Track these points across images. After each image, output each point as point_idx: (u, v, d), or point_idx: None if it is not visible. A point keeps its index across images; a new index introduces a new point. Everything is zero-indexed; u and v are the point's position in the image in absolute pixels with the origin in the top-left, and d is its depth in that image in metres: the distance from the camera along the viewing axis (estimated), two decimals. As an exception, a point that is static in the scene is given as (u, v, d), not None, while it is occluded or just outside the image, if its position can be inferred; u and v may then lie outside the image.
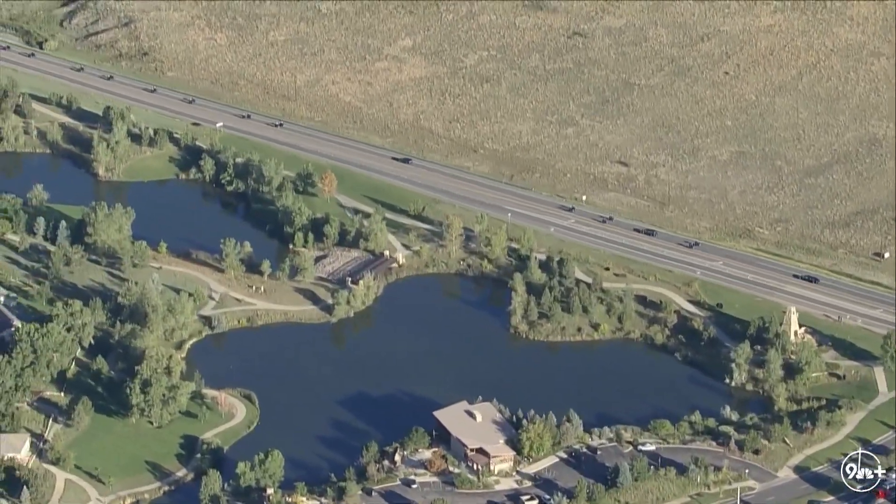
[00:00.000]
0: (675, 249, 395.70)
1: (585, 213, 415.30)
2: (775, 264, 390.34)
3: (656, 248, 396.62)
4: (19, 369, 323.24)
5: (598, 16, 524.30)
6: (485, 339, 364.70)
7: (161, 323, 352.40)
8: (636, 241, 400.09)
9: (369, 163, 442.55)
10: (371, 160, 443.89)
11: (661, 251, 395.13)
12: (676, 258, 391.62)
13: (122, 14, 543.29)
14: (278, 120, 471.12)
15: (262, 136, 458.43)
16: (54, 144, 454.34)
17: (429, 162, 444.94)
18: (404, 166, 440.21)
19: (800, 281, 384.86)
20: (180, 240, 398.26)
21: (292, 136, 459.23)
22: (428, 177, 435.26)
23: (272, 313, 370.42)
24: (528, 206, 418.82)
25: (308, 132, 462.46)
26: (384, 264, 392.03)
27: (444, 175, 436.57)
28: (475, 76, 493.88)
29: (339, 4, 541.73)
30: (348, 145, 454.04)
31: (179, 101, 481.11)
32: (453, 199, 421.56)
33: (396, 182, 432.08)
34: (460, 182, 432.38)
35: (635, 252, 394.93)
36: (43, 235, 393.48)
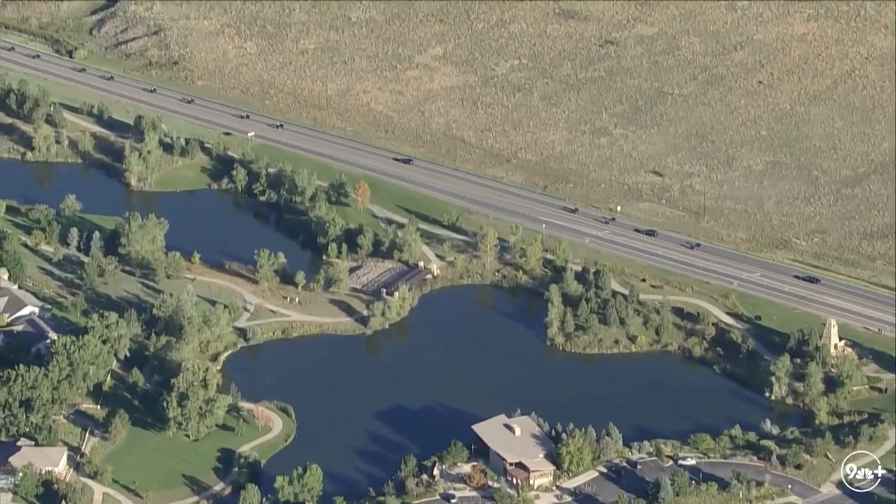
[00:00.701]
0: (711, 261, 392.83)
1: (623, 225, 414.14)
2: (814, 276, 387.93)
3: (693, 259, 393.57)
4: (56, 382, 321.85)
5: (630, 24, 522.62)
6: (521, 351, 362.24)
7: (196, 335, 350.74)
8: (672, 253, 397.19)
9: (402, 172, 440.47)
10: (403, 170, 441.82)
11: (697, 262, 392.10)
12: (713, 269, 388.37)
13: (151, 22, 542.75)
14: (279, 121, 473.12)
15: (294, 145, 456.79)
16: (85, 154, 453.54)
17: (462, 171, 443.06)
18: (437, 175, 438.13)
19: (800, 281, 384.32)
20: (213, 250, 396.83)
21: (324, 145, 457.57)
22: (461, 187, 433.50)
23: (307, 325, 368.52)
24: (562, 216, 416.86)
25: (340, 141, 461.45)
26: (419, 275, 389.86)
27: (478, 185, 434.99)
28: (507, 85, 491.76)
29: (369, 12, 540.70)
30: (380, 155, 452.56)
31: (211, 109, 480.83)
32: (487, 209, 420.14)
33: (429, 192, 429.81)
34: (494, 192, 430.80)
35: (671, 263, 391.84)
36: (76, 246, 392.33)
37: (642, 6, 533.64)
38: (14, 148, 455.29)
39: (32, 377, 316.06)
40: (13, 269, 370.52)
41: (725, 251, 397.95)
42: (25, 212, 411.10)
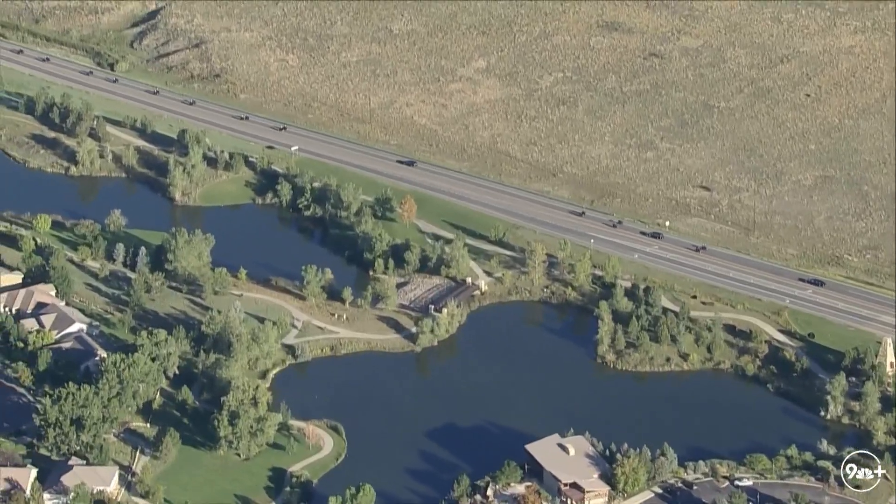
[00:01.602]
0: (761, 276, 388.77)
1: (672, 240, 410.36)
2: (867, 293, 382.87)
3: (743, 275, 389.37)
4: (106, 400, 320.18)
5: (675, 37, 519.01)
6: (571, 368, 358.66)
7: (245, 352, 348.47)
8: (723, 269, 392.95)
9: (447, 187, 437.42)
10: (449, 184, 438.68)
11: (748, 278, 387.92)
12: (764, 286, 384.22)
13: (192, 35, 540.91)
14: (282, 123, 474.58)
15: (338, 159, 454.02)
16: (129, 168, 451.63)
17: (507, 186, 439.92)
18: (485, 191, 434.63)
19: (806, 284, 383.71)
20: (259, 266, 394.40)
21: (368, 159, 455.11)
22: (507, 201, 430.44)
23: (356, 342, 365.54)
24: (610, 231, 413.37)
25: (384, 155, 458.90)
26: (467, 291, 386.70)
27: (524, 199, 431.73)
28: (551, 98, 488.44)
29: (411, 24, 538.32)
30: (425, 169, 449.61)
31: (254, 123, 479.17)
32: (534, 224, 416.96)
33: (475, 207, 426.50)
34: (540, 207, 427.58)
35: (722, 279, 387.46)
36: (122, 262, 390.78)
37: (686, 18, 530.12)
38: (58, 162, 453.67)
39: (83, 396, 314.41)
40: (60, 286, 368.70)
41: (776, 267, 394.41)
42: (71, 227, 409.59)
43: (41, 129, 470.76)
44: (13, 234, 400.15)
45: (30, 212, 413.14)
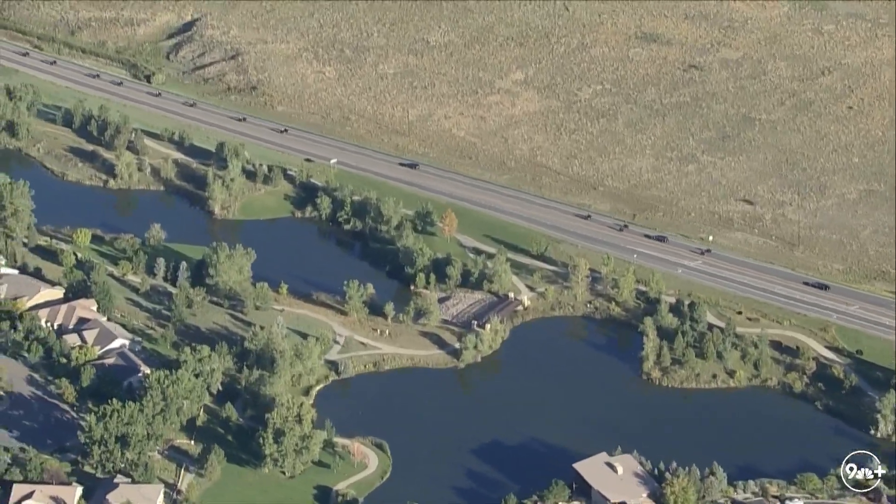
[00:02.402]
0: (805, 292, 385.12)
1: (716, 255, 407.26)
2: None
3: (788, 290, 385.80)
4: (150, 417, 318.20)
5: (714, 48, 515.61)
6: (617, 385, 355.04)
7: (288, 368, 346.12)
8: (767, 284, 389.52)
9: (487, 200, 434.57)
10: (489, 197, 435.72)
11: (793, 294, 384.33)
12: (810, 301, 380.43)
13: (228, 47, 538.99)
14: (283, 126, 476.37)
15: (377, 172, 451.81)
16: (168, 181, 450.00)
17: (548, 199, 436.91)
18: (524, 204, 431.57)
19: (810, 288, 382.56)
20: (299, 280, 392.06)
21: (408, 172, 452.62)
22: (547, 215, 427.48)
23: (399, 358, 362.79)
24: (653, 246, 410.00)
25: (423, 168, 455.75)
26: (510, 306, 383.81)
27: (564, 213, 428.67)
28: (590, 110, 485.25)
29: (448, 36, 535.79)
30: (464, 182, 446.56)
31: (292, 135, 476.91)
32: (575, 238, 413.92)
33: (516, 220, 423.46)
34: (581, 221, 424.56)
35: (767, 295, 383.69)
36: (163, 276, 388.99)
37: (726, 30, 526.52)
38: (96, 175, 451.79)
39: (128, 413, 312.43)
40: (102, 301, 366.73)
41: (822, 282, 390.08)
42: (110, 241, 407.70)
43: (79, 142, 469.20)
44: (53, 248, 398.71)
45: (69, 226, 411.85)
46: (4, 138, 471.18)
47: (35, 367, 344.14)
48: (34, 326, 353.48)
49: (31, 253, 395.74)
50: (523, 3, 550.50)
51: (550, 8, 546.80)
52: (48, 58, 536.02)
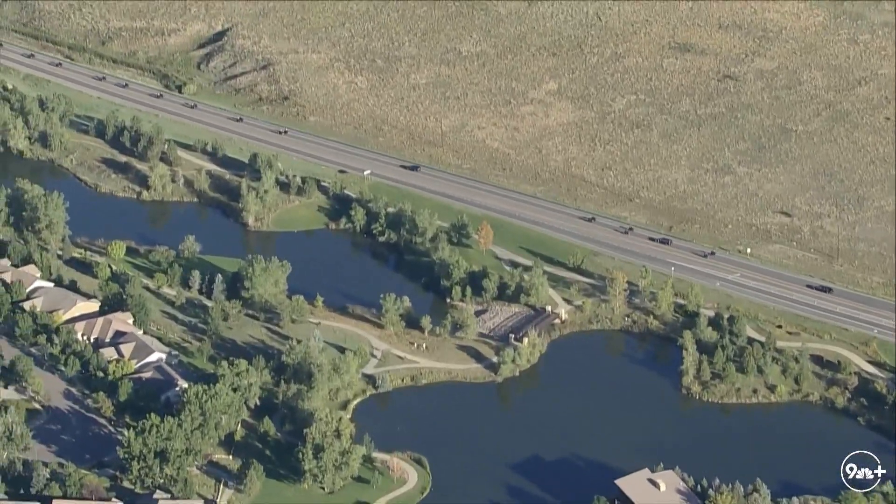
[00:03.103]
0: (848, 306, 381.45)
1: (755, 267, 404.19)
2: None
3: (830, 304, 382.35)
4: (189, 432, 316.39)
5: (749, 58, 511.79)
6: (656, 399, 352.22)
7: (326, 383, 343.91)
8: (807, 298, 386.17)
9: (522, 212, 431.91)
10: (524, 209, 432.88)
11: (834, 308, 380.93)
12: (851, 315, 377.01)
13: (259, 56, 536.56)
14: (283, 127, 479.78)
15: (410, 183, 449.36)
16: (201, 193, 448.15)
17: (583, 211, 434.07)
18: (558, 216, 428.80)
19: (813, 291, 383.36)
20: (334, 293, 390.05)
21: (441, 183, 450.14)
22: (583, 227, 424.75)
23: (436, 372, 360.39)
24: (689, 258, 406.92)
25: (456, 179, 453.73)
26: (547, 320, 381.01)
27: (600, 225, 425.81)
28: (625, 121, 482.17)
29: (480, 46, 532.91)
30: (499, 194, 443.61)
31: (324, 146, 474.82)
32: (612, 250, 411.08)
33: (552, 233, 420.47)
34: (618, 233, 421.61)
35: (807, 309, 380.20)
36: (198, 289, 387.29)
37: (760, 40, 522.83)
38: (129, 187, 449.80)
39: (167, 428, 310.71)
40: (138, 314, 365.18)
41: (861, 296, 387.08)
42: (145, 253, 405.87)
43: (112, 153, 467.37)
44: (88, 260, 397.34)
45: (103, 238, 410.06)
46: (37, 149, 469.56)
47: (72, 381, 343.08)
48: (71, 340, 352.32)
49: (66, 265, 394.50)
50: (556, 12, 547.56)
51: (583, 18, 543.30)
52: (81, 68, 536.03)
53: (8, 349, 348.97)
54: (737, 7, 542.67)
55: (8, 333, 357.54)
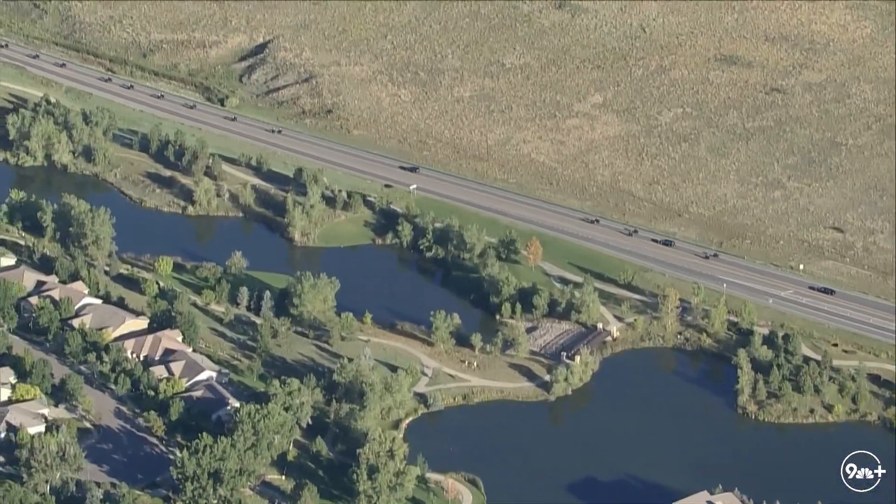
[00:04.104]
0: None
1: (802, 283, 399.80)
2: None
3: (885, 321, 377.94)
4: (242, 452, 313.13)
5: (796, 71, 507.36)
6: (711, 419, 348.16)
7: (378, 402, 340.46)
8: (861, 315, 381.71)
9: (570, 227, 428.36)
10: (572, 225, 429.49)
11: (889, 325, 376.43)
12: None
13: (301, 69, 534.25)
14: (277, 127, 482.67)
15: (457, 198, 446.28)
16: (247, 208, 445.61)
17: (631, 227, 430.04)
18: (607, 231, 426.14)
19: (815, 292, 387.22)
20: (382, 309, 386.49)
21: (488, 198, 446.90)
22: (631, 243, 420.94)
23: (488, 390, 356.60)
24: (742, 275, 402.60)
25: (503, 194, 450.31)
26: (598, 337, 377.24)
27: (647, 241, 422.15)
28: (672, 135, 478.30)
29: (524, 58, 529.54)
30: (547, 209, 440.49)
31: (369, 160, 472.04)
32: (662, 266, 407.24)
33: (601, 249, 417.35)
34: (666, 249, 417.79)
35: (862, 326, 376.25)
36: (246, 306, 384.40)
37: (807, 52, 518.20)
38: (174, 201, 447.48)
39: (221, 448, 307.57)
40: (187, 331, 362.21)
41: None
42: (192, 269, 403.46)
43: (156, 168, 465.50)
44: (135, 277, 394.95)
45: (149, 253, 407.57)
46: (81, 164, 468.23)
47: (122, 400, 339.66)
48: (120, 358, 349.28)
49: (114, 282, 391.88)
50: (599, 24, 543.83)
51: (627, 29, 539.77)
52: (125, 82, 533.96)
53: (58, 367, 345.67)
54: (783, 19, 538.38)
55: (57, 351, 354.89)
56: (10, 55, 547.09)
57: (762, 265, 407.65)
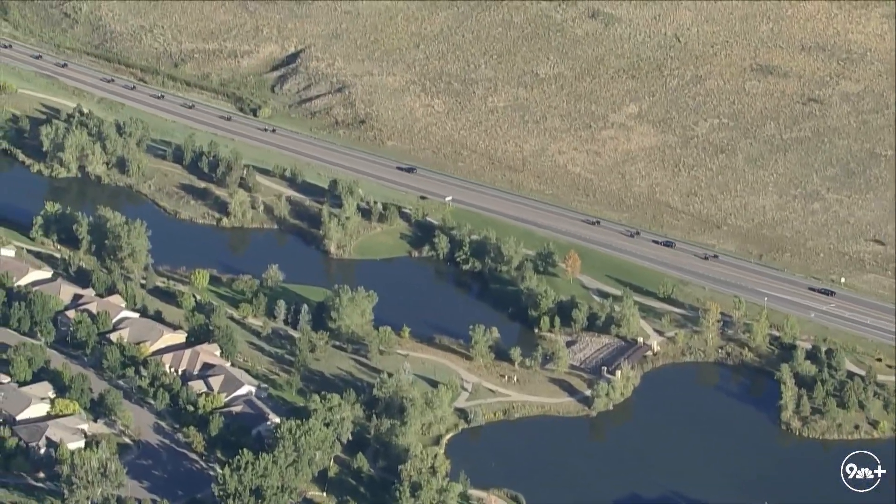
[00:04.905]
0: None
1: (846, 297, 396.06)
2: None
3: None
4: (283, 468, 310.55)
5: (833, 81, 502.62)
6: (755, 434, 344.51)
7: (419, 417, 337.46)
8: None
9: (608, 240, 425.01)
10: (609, 237, 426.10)
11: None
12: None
13: (334, 79, 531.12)
14: (270, 126, 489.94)
15: (493, 210, 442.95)
16: (281, 220, 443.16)
17: (669, 239, 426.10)
18: (645, 244, 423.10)
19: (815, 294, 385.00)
20: (419, 322, 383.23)
21: (525, 210, 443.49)
22: (668, 255, 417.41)
23: (529, 405, 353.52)
24: (782, 288, 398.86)
25: (539, 206, 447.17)
26: (639, 352, 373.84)
27: (686, 253, 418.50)
28: (708, 146, 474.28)
29: (557, 68, 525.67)
30: (583, 221, 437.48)
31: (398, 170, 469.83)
32: (702, 279, 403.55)
33: (639, 261, 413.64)
34: (706, 261, 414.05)
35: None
36: (284, 319, 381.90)
37: (844, 62, 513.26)
38: (209, 213, 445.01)
39: (262, 464, 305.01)
40: (225, 346, 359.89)
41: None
42: (228, 282, 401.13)
43: (190, 179, 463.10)
44: (171, 290, 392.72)
45: (184, 266, 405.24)
46: (115, 175, 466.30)
47: (161, 415, 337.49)
48: (159, 372, 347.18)
49: (150, 295, 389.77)
50: (633, 34, 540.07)
51: (661, 39, 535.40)
52: (156, 91, 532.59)
53: (96, 382, 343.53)
54: (818, 28, 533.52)
55: (95, 366, 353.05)
56: (41, 64, 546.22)
57: (802, 277, 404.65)
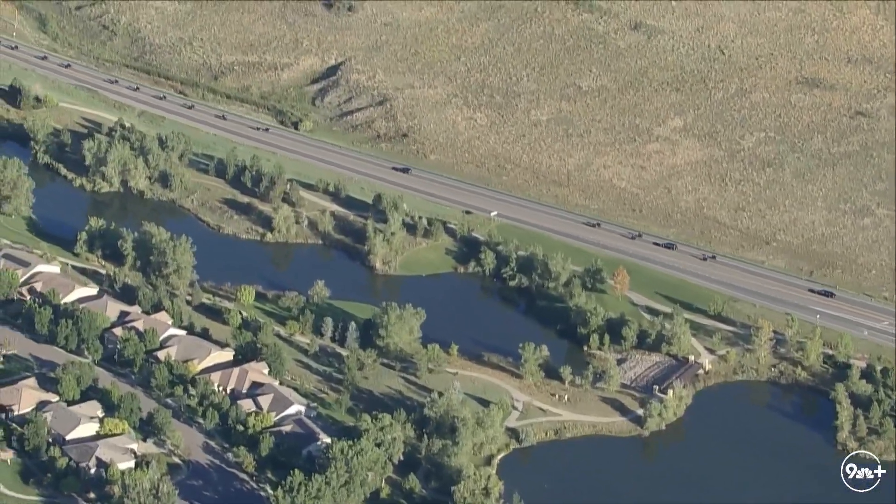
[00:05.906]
0: None
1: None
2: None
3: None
4: (335, 489, 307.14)
5: (881, 94, 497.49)
6: (810, 456, 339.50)
7: (470, 437, 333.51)
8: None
9: (656, 256, 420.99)
10: (657, 253, 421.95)
11: None
12: None
13: (375, 92, 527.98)
14: (264, 126, 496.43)
15: (538, 225, 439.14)
16: (326, 235, 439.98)
17: (720, 255, 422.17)
18: (693, 260, 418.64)
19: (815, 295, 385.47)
20: (467, 340, 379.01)
21: (570, 225, 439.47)
22: (721, 272, 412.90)
23: (580, 425, 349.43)
24: (834, 305, 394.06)
25: (585, 220, 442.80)
26: (690, 370, 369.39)
27: (739, 270, 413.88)
28: (755, 160, 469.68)
29: (600, 81, 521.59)
30: (630, 236, 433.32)
31: (445, 185, 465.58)
32: (752, 296, 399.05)
33: (688, 278, 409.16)
34: (756, 278, 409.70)
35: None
36: (331, 337, 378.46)
37: (891, 75, 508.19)
38: (252, 228, 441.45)
39: (315, 486, 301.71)
40: (273, 364, 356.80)
41: None
42: (274, 299, 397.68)
43: (233, 193, 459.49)
44: (217, 306, 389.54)
45: (229, 282, 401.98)
46: (158, 189, 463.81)
47: (211, 434, 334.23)
48: (208, 391, 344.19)
49: (196, 312, 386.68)
50: (676, 46, 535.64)
51: (705, 51, 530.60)
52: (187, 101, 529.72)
53: (145, 400, 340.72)
54: (865, 40, 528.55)
55: (143, 384, 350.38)
56: (81, 77, 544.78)
57: (854, 295, 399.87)
